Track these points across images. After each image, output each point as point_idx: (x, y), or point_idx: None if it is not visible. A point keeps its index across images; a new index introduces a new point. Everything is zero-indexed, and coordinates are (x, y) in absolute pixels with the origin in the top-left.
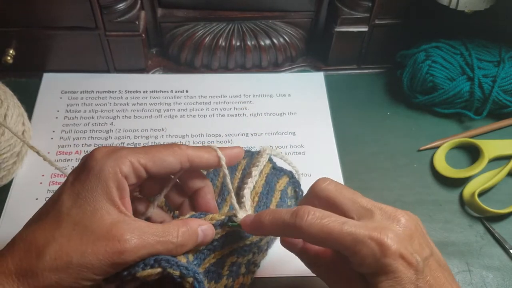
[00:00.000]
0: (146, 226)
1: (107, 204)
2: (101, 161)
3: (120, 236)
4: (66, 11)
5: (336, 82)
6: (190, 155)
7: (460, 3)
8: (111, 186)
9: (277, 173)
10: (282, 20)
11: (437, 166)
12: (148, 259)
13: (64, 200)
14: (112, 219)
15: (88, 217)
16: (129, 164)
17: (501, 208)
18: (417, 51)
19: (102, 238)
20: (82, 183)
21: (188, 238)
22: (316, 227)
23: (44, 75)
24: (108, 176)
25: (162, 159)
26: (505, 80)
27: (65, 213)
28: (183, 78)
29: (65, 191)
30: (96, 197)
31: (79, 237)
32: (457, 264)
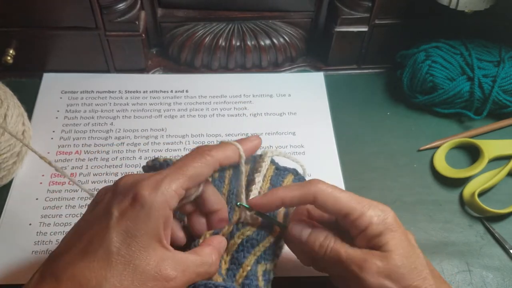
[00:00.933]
0: (186, 259)
1: (153, 242)
2: (150, 198)
3: (167, 276)
4: (66, 11)
5: (336, 82)
6: (221, 161)
7: (460, 3)
8: (161, 223)
9: (281, 173)
10: (282, 20)
11: (437, 166)
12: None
13: (112, 238)
14: (158, 257)
15: (137, 257)
16: (176, 196)
17: (501, 208)
18: (417, 51)
19: (151, 278)
20: (132, 221)
21: (218, 260)
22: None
23: (44, 75)
24: (159, 215)
25: (200, 174)
26: (505, 80)
27: (115, 252)
28: (183, 78)
29: (113, 228)
30: (145, 236)
31: (131, 278)
32: (457, 264)
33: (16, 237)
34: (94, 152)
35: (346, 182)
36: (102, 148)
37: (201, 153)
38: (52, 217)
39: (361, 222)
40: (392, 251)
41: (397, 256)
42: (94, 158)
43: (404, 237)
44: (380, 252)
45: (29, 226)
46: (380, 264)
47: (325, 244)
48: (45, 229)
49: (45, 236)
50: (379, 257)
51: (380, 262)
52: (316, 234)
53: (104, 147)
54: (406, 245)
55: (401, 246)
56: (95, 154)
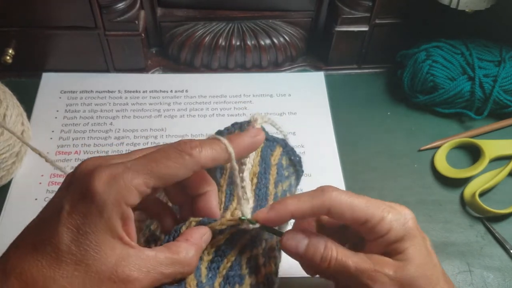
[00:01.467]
0: (153, 257)
1: (110, 239)
2: (103, 193)
3: (127, 277)
4: (66, 10)
5: (336, 82)
6: (203, 164)
7: (460, 3)
8: (115, 219)
9: (270, 144)
10: (282, 20)
11: (438, 166)
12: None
13: (62, 234)
14: (116, 256)
15: (91, 256)
16: (135, 193)
17: (502, 208)
18: (418, 50)
19: (107, 280)
20: (82, 217)
21: (197, 257)
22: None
23: (43, 74)
24: (112, 211)
25: (172, 176)
26: (506, 80)
27: (65, 251)
28: (183, 77)
29: (62, 223)
30: (98, 233)
31: (82, 280)
32: (457, 264)
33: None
34: (94, 152)
35: (346, 182)
36: (102, 148)
37: (180, 151)
38: None
39: (381, 228)
40: (408, 260)
41: (413, 266)
42: None
43: (423, 242)
44: (395, 260)
45: None
46: (393, 274)
47: (328, 256)
48: None
49: None
50: (392, 266)
51: (393, 272)
52: (314, 245)
53: (104, 147)
54: (424, 253)
55: (419, 254)
56: (95, 154)
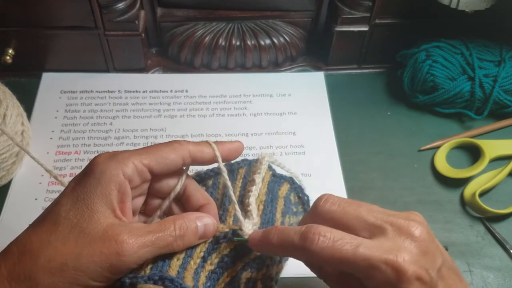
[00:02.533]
0: (143, 226)
1: (104, 207)
2: (102, 164)
3: (117, 237)
4: (66, 10)
5: (336, 82)
6: (191, 150)
7: (460, 3)
8: (112, 188)
9: (278, 180)
10: (282, 20)
11: (438, 166)
12: (154, 273)
13: (63, 203)
14: (107, 223)
15: (85, 220)
16: (132, 165)
17: (502, 208)
18: (418, 50)
19: (98, 239)
20: (83, 186)
21: (186, 229)
22: (328, 251)
23: (43, 74)
24: (109, 179)
25: (164, 157)
26: (506, 80)
27: (63, 216)
28: (183, 77)
29: (65, 195)
30: (94, 200)
31: (75, 240)
32: (457, 264)
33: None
34: (94, 152)
35: (346, 182)
36: (102, 148)
37: (171, 142)
38: None
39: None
40: None
41: None
42: None
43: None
44: None
45: None
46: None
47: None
48: None
49: None
50: None
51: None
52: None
53: (104, 147)
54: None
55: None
56: (95, 154)
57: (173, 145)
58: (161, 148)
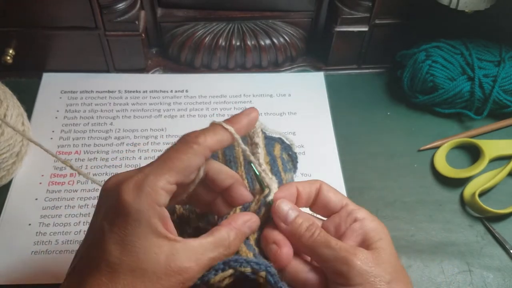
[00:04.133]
0: (198, 245)
1: (155, 240)
2: (134, 203)
3: (179, 269)
4: (66, 11)
5: (336, 82)
6: (211, 147)
7: (460, 3)
8: (154, 221)
9: (270, 142)
10: (282, 20)
11: (438, 166)
12: (217, 264)
13: (110, 251)
14: (165, 253)
15: (143, 260)
16: (163, 193)
17: (502, 208)
18: (418, 51)
19: (163, 276)
20: (123, 229)
21: (238, 241)
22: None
23: (43, 75)
24: (149, 216)
25: (188, 166)
26: (505, 80)
27: (117, 263)
28: (183, 78)
29: (107, 241)
30: (143, 238)
31: (141, 282)
32: (457, 264)
33: (15, 237)
34: (94, 152)
35: (346, 182)
36: (102, 148)
37: (187, 143)
38: (51, 217)
39: (359, 212)
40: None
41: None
42: (94, 158)
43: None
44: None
45: (29, 226)
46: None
47: (313, 228)
48: (45, 229)
49: (44, 237)
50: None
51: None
52: (303, 216)
53: (104, 147)
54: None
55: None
56: (95, 154)
57: (193, 148)
58: (182, 158)
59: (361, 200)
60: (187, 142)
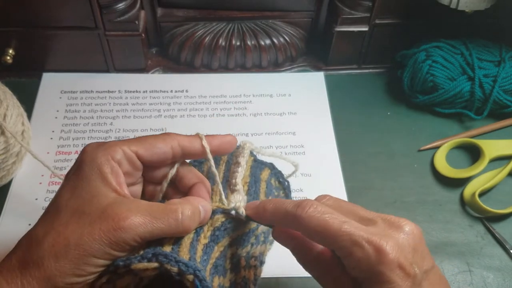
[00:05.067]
0: (146, 205)
1: (104, 189)
2: (92, 152)
3: (115, 215)
4: (66, 11)
5: (336, 82)
6: (180, 141)
7: (460, 3)
8: (106, 171)
9: (259, 165)
10: (282, 20)
11: (438, 166)
12: (146, 252)
13: (62, 194)
14: (108, 201)
15: (86, 203)
16: (120, 151)
17: (502, 208)
18: (418, 51)
19: (97, 219)
20: (77, 175)
21: (192, 215)
22: (316, 220)
23: (43, 75)
24: (101, 163)
25: (152, 145)
26: (505, 80)
27: (64, 205)
28: (183, 78)
29: (63, 186)
30: (92, 184)
31: (76, 222)
32: (457, 264)
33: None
34: None
35: (346, 182)
36: None
37: (162, 133)
38: None
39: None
40: None
41: None
42: None
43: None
44: None
45: (29, 227)
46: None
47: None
48: None
49: None
50: None
51: None
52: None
53: None
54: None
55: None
56: None
57: (163, 136)
58: (150, 137)
59: (361, 200)
60: (163, 133)
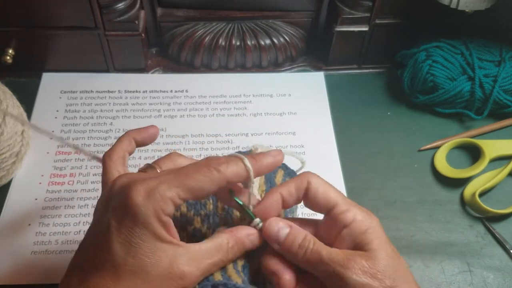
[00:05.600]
0: (199, 250)
1: (159, 244)
2: (143, 207)
3: (182, 273)
4: (66, 10)
5: (336, 82)
6: (229, 179)
7: (460, 3)
8: (159, 227)
9: None
10: (282, 20)
11: (438, 166)
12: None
13: (116, 250)
14: (169, 257)
15: (147, 263)
16: (170, 203)
17: (502, 208)
18: (418, 50)
19: (165, 279)
20: (130, 230)
21: (237, 249)
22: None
23: (43, 74)
24: (155, 222)
25: (201, 189)
26: (506, 80)
27: (122, 264)
28: (183, 78)
29: (114, 240)
30: (148, 242)
31: (143, 284)
32: (457, 264)
33: (15, 237)
34: (94, 152)
35: (346, 182)
36: (102, 148)
37: (208, 166)
38: (51, 217)
39: (346, 216)
40: (377, 250)
41: (382, 256)
42: None
43: (387, 240)
44: (364, 252)
45: (28, 227)
46: (365, 263)
47: (305, 245)
48: (45, 230)
49: (44, 237)
50: (363, 256)
51: (365, 261)
52: (294, 234)
53: (104, 147)
54: (390, 248)
55: (386, 247)
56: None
57: (212, 173)
58: (199, 178)
59: (361, 200)
60: (209, 165)
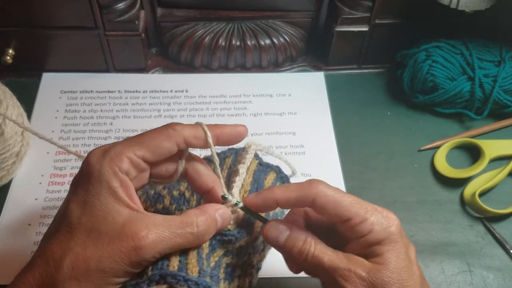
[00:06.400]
0: (162, 219)
1: (116, 205)
2: (97, 164)
3: (134, 234)
4: (66, 10)
5: (336, 82)
6: (186, 136)
7: (460, 3)
8: (115, 186)
9: (264, 169)
10: (282, 20)
11: (438, 166)
12: (154, 274)
13: (72, 210)
14: (123, 218)
15: (100, 222)
16: (126, 160)
17: (502, 208)
18: (418, 50)
19: (116, 239)
20: (86, 189)
21: (208, 226)
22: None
23: (43, 75)
24: (109, 178)
25: (158, 146)
26: (506, 80)
27: (76, 223)
28: (183, 78)
29: (72, 200)
30: (103, 201)
31: (94, 243)
32: (457, 264)
33: (15, 237)
34: None
35: (346, 182)
36: None
37: (165, 127)
38: (51, 217)
39: (362, 228)
40: (384, 264)
41: (387, 271)
42: None
43: (403, 250)
44: (370, 263)
45: (29, 227)
46: (365, 275)
47: (305, 250)
48: (45, 230)
49: None
50: (366, 268)
51: (365, 274)
52: (294, 237)
53: None
54: (403, 259)
55: (397, 260)
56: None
57: (168, 132)
58: (155, 136)
59: None
60: (166, 126)
